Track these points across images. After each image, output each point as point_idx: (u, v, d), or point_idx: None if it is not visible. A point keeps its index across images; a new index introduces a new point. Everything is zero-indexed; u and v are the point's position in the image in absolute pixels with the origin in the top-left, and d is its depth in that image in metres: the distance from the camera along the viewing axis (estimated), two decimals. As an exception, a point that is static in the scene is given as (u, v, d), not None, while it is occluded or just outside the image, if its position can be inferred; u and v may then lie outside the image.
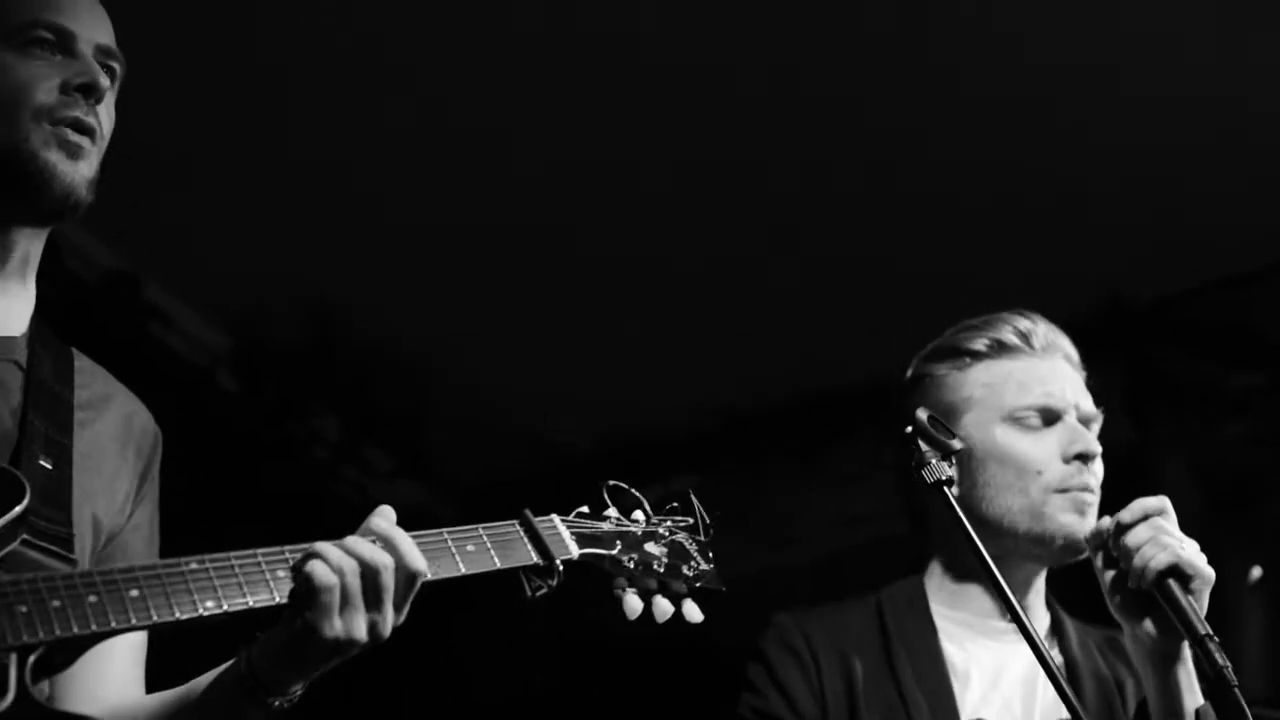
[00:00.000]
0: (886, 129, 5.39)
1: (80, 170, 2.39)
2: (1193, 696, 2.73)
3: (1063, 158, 5.47)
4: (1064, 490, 2.94)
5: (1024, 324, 3.15)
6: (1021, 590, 2.99)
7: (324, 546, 2.14)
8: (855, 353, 6.17)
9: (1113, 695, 2.97)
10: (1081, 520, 2.93)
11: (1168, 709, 2.73)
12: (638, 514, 2.56)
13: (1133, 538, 2.71)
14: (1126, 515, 2.74)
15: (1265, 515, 5.78)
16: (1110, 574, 2.77)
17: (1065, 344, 3.15)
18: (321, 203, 5.58)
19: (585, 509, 2.51)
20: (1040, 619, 3.06)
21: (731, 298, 6.00)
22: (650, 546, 2.50)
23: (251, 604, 2.10)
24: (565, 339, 6.18)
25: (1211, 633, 2.56)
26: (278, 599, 2.12)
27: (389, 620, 2.17)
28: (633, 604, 2.45)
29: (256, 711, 2.20)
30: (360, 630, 2.13)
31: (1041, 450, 2.97)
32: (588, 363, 6.25)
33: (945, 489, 2.67)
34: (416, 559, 2.18)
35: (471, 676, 6.79)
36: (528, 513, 2.38)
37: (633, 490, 2.57)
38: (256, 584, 2.11)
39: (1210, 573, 2.68)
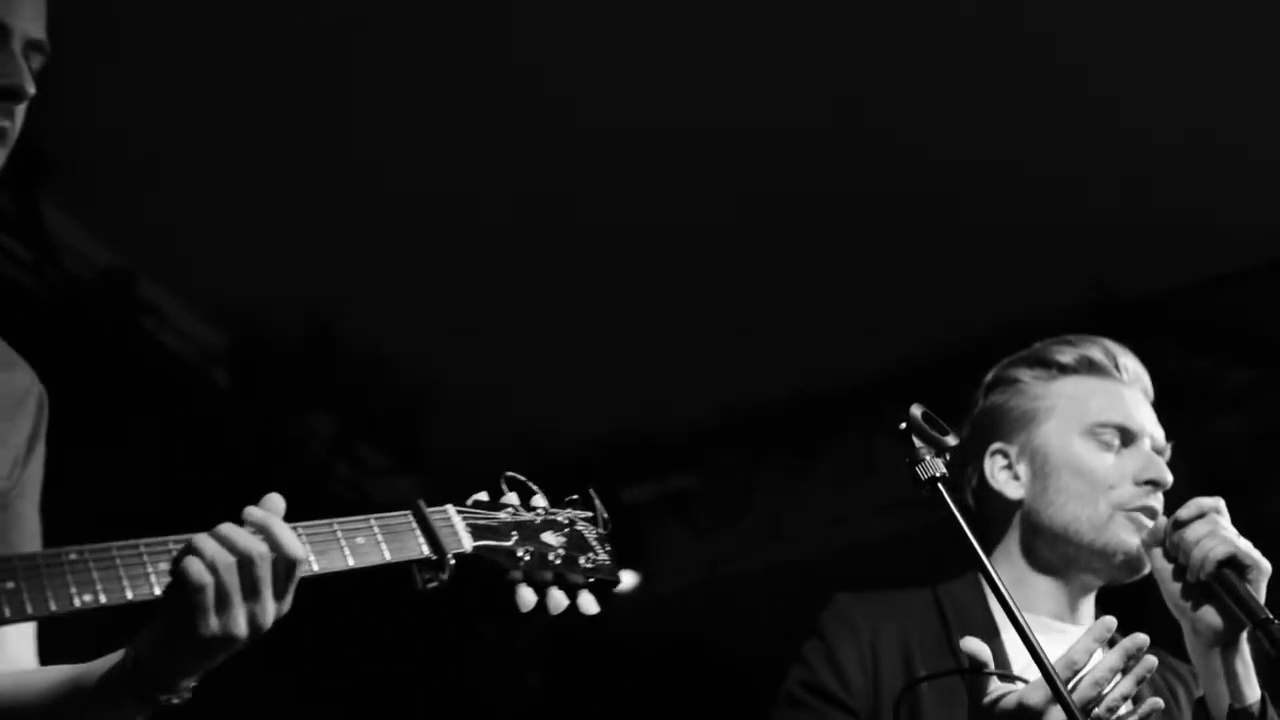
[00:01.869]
0: (881, 128, 5.39)
1: None
2: (1251, 687, 2.81)
3: (1056, 155, 5.47)
4: (1130, 510, 3.01)
5: (1113, 347, 3.22)
6: (1077, 596, 3.08)
7: (200, 540, 2.05)
8: (852, 352, 6.18)
9: (1170, 704, 3.01)
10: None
11: (1229, 698, 2.80)
12: (536, 501, 2.49)
13: (1191, 532, 2.81)
14: (1184, 512, 2.84)
15: (1260, 511, 5.79)
16: (1169, 569, 2.86)
17: (1147, 380, 3.23)
18: (317, 200, 5.57)
19: (484, 496, 2.44)
20: (1088, 622, 3.08)
21: (728, 297, 5.99)
22: (548, 536, 2.43)
23: (131, 597, 2.01)
24: (562, 337, 6.18)
25: (1272, 616, 2.66)
26: (158, 593, 2.03)
27: (269, 612, 2.08)
28: (525, 596, 2.36)
29: (146, 707, 2.13)
30: (239, 625, 2.05)
31: (1117, 469, 3.04)
32: (585, 361, 6.24)
33: (940, 485, 2.66)
34: (294, 547, 2.10)
35: (465, 673, 6.79)
36: (420, 502, 2.30)
37: (529, 482, 2.50)
38: (137, 577, 2.03)
39: (1267, 565, 2.78)
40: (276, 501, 2.16)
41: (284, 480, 6.48)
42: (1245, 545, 2.78)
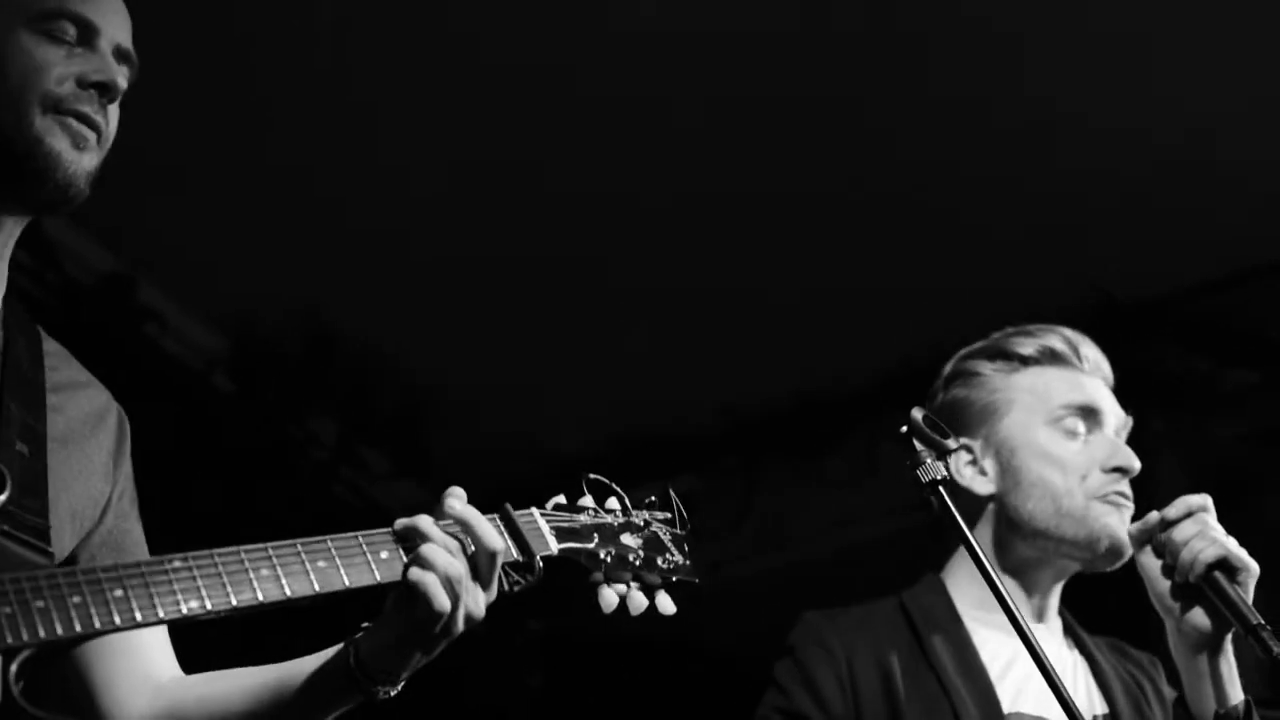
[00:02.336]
0: (879, 130, 5.40)
1: (84, 163, 2.33)
2: (1234, 689, 2.80)
3: (1055, 156, 5.48)
4: (1101, 496, 2.99)
5: (1073, 336, 3.20)
6: (1044, 592, 3.06)
7: (431, 552, 2.18)
8: (854, 355, 6.18)
9: (1138, 697, 3.01)
10: (1123, 525, 2.98)
11: (1212, 701, 2.79)
12: (613, 503, 2.54)
13: (1179, 533, 2.79)
14: (1172, 511, 2.82)
15: (1258, 512, 5.79)
16: (1155, 568, 2.83)
17: (1108, 368, 3.22)
18: (318, 207, 5.58)
19: (562, 499, 2.49)
20: (1056, 621, 3.10)
21: (731, 299, 6.00)
22: (626, 538, 2.49)
23: (235, 603, 2.08)
24: (564, 340, 6.18)
25: (1264, 622, 2.63)
26: (260, 598, 2.09)
27: (484, 603, 2.23)
28: (608, 597, 2.43)
29: (363, 699, 2.25)
30: (460, 623, 2.19)
31: (1084, 457, 3.03)
32: (587, 364, 6.25)
33: (941, 489, 2.68)
34: (496, 540, 2.24)
35: (462, 673, 6.78)
36: (508, 506, 2.36)
37: (611, 484, 2.55)
38: (240, 583, 2.09)
39: (1255, 566, 2.75)
40: (461, 493, 2.29)
41: (286, 484, 6.51)
42: (1234, 546, 2.76)
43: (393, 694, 2.25)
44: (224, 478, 5.82)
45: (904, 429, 2.72)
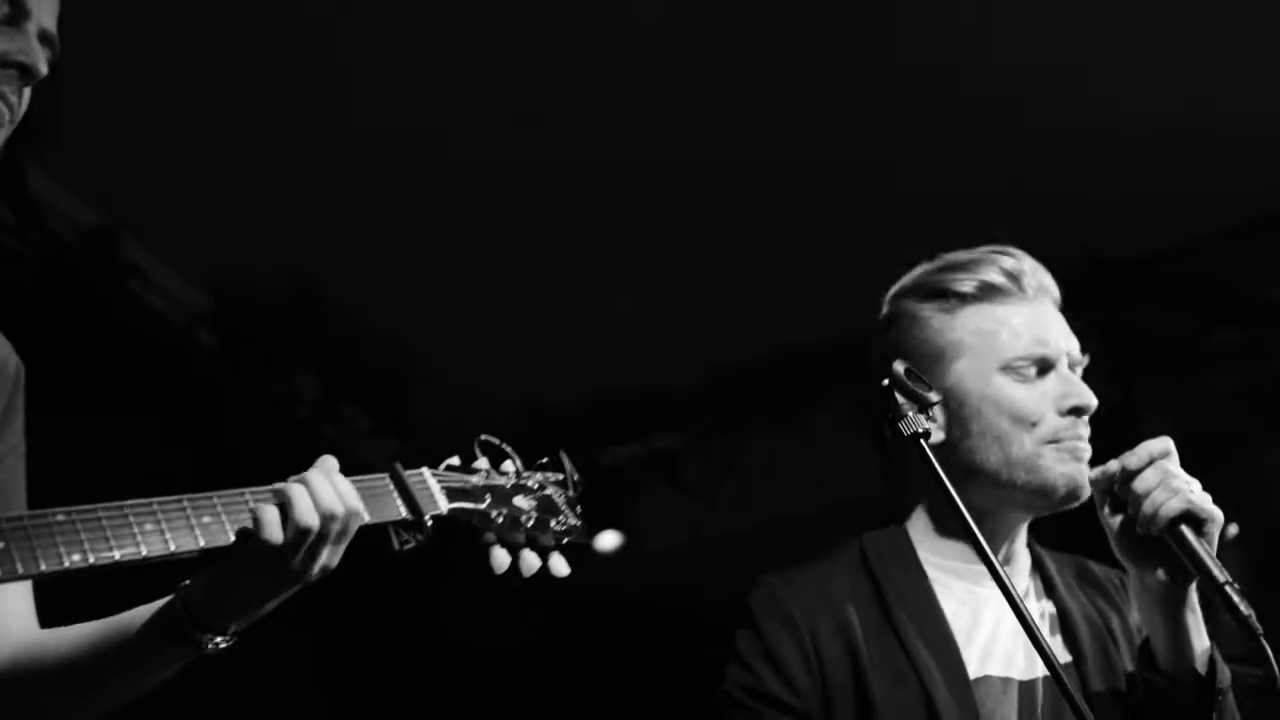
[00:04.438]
0: (849, 98, 5.39)
1: None
2: (1200, 639, 2.73)
3: (1044, 116, 5.47)
4: (1057, 442, 2.87)
5: (1011, 264, 3.01)
6: (1006, 537, 2.95)
7: (313, 480, 2.19)
8: (836, 311, 6.17)
9: (1105, 639, 2.93)
10: (1080, 468, 2.86)
11: (1177, 652, 2.73)
12: (507, 466, 2.53)
13: (1141, 483, 2.69)
14: (1133, 460, 2.72)
15: (1244, 469, 5.81)
16: (1117, 519, 2.75)
17: (1051, 285, 3.05)
18: (302, 163, 5.56)
19: (456, 460, 2.48)
20: (1023, 562, 3.00)
21: (714, 259, 5.99)
22: (519, 500, 2.47)
23: (118, 557, 2.06)
24: (547, 298, 6.18)
25: (1231, 579, 2.55)
26: (144, 552, 2.07)
27: (335, 559, 2.22)
28: (500, 558, 2.41)
29: (191, 650, 2.20)
30: (315, 568, 2.18)
31: (1037, 401, 2.88)
32: (569, 322, 6.25)
33: (923, 442, 2.62)
34: (359, 502, 2.23)
35: (444, 627, 6.80)
36: (398, 465, 2.35)
37: (503, 445, 2.54)
38: (123, 536, 2.07)
39: (1219, 514, 2.66)
40: (331, 462, 2.27)
41: (269, 440, 6.51)
42: (1198, 497, 2.66)
43: (222, 646, 2.21)
44: (206, 434, 5.81)
45: (885, 382, 2.68)
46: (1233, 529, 4.77)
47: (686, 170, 5.64)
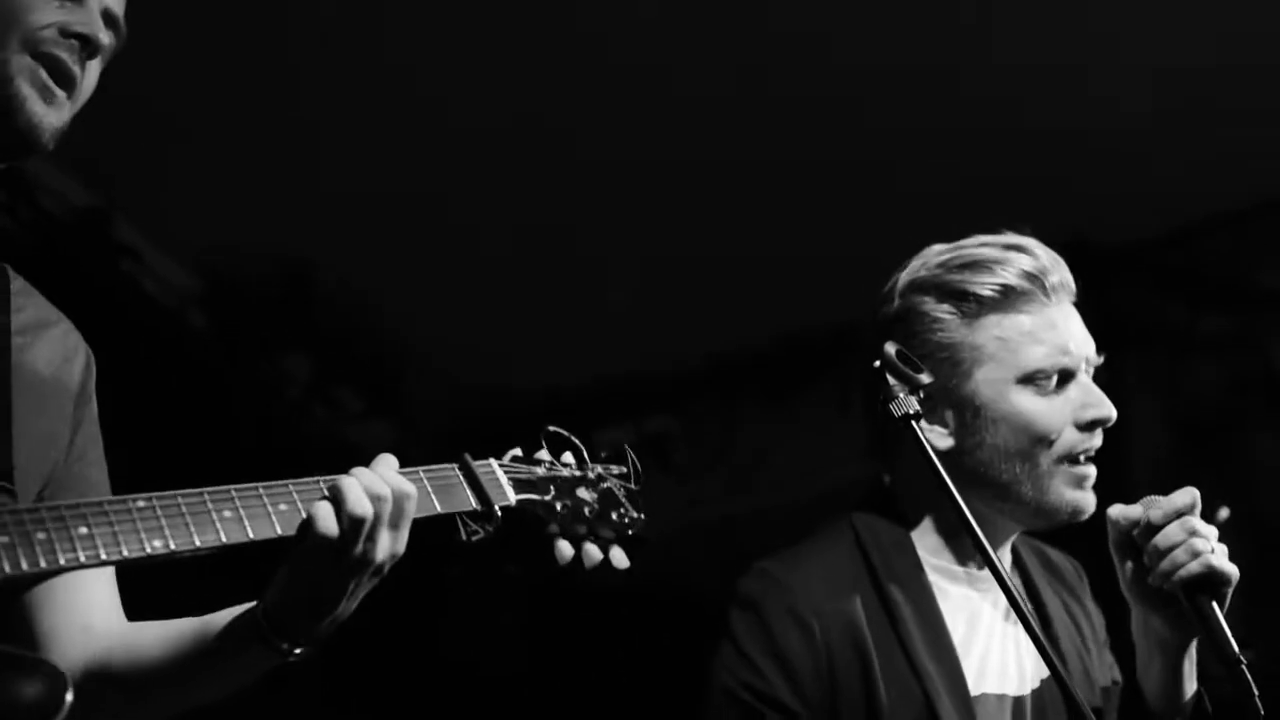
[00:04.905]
0: (859, 64, 5.39)
1: (49, 118, 2.28)
2: (1190, 683, 2.75)
3: (1030, 102, 5.47)
4: (1070, 459, 2.84)
5: (1031, 263, 2.90)
6: (1001, 543, 2.93)
7: (358, 473, 2.16)
8: (831, 295, 6.18)
9: (1080, 647, 2.95)
10: (1088, 496, 2.86)
11: (1168, 700, 2.75)
12: (569, 458, 2.54)
13: (1164, 539, 2.65)
14: (1158, 514, 2.67)
15: (1233, 456, 5.82)
16: (1129, 565, 2.73)
17: (1069, 279, 2.95)
18: (297, 146, 5.55)
19: (519, 452, 2.48)
20: (1007, 561, 2.98)
21: (713, 257, 5.99)
22: (582, 492, 2.49)
23: (199, 544, 2.06)
24: (540, 281, 6.17)
25: (1241, 656, 2.53)
26: (224, 539, 2.07)
27: (400, 545, 2.19)
28: (563, 550, 2.43)
29: (274, 657, 2.19)
30: (380, 554, 2.15)
31: (1056, 414, 2.83)
32: (562, 305, 6.24)
33: (914, 424, 2.61)
34: (410, 487, 2.20)
35: (438, 615, 6.80)
36: (467, 457, 2.35)
37: (571, 436, 2.55)
38: (204, 525, 2.07)
39: (1236, 574, 2.64)
40: (391, 459, 2.23)
41: (261, 422, 6.50)
42: (1218, 561, 2.62)
43: (299, 653, 2.19)
44: (198, 415, 5.81)
45: (877, 364, 2.65)
46: (1223, 513, 4.80)
47: (686, 170, 5.64)
